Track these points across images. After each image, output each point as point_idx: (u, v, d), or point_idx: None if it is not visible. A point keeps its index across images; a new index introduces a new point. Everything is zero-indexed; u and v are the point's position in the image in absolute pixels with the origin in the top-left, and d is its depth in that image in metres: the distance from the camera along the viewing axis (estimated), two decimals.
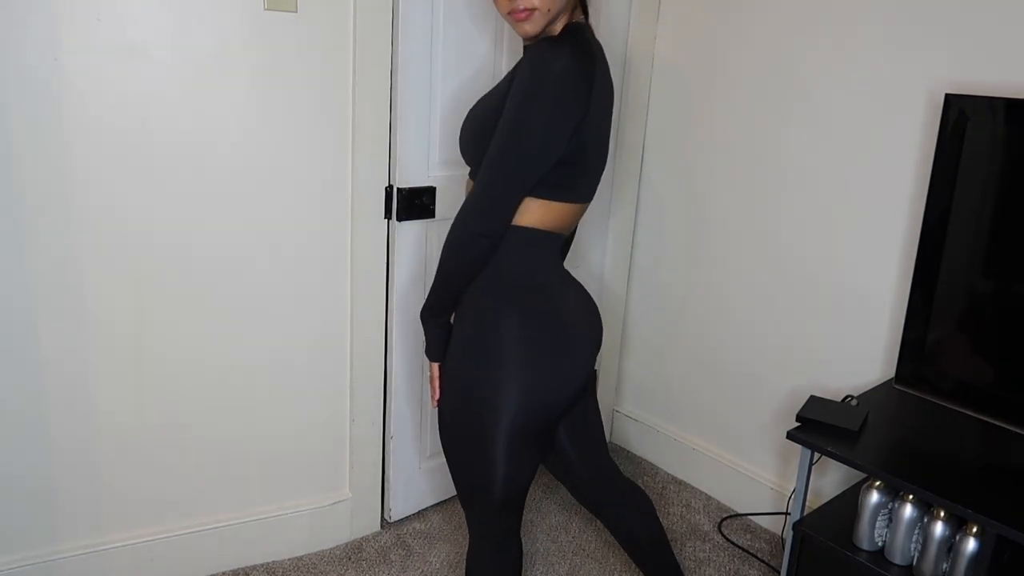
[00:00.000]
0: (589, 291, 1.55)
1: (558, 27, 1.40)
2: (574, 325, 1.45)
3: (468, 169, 1.54)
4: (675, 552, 2.25)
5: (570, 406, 1.50)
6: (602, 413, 3.06)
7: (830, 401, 1.82)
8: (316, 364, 2.08)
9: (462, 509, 1.57)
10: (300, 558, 2.16)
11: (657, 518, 1.70)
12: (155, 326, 1.84)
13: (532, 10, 1.33)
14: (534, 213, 1.40)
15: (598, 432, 1.65)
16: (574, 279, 1.53)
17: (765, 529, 2.39)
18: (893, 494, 1.63)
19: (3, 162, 1.59)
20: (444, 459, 2.35)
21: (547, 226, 1.41)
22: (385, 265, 2.10)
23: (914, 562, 1.61)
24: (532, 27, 1.36)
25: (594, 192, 1.47)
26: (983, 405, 1.61)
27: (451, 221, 1.90)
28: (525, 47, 1.43)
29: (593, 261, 2.62)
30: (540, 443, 1.48)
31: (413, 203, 2.06)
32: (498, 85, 1.44)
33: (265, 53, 1.80)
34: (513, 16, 1.36)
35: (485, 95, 1.47)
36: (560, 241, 1.47)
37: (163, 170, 1.76)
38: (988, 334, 1.61)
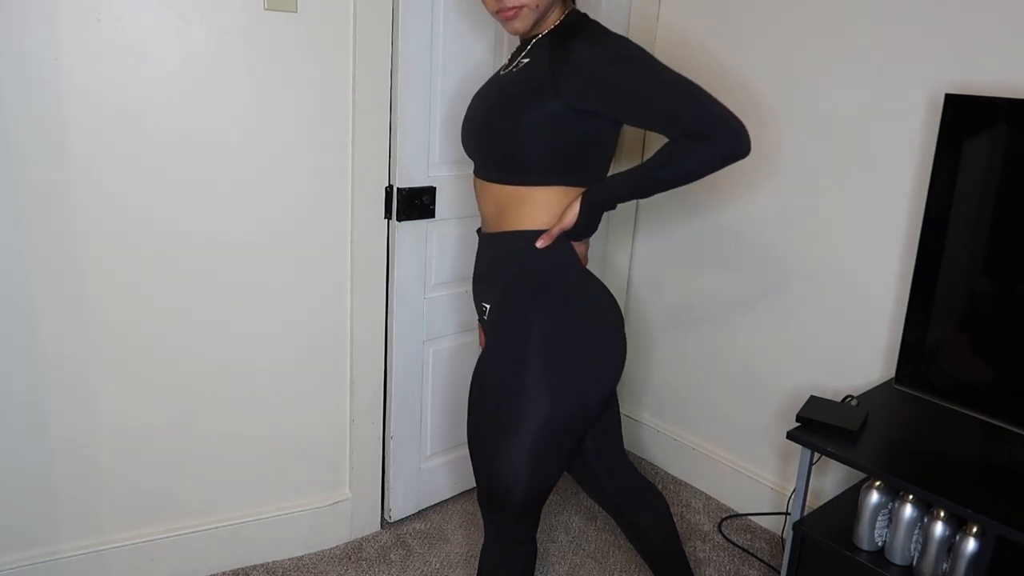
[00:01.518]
0: None
1: (552, 20, 1.40)
2: (606, 323, 1.43)
3: (470, 168, 1.55)
4: None
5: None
6: None
7: (830, 401, 1.82)
8: (316, 364, 2.08)
9: (479, 510, 1.54)
10: (300, 558, 2.16)
11: (671, 518, 1.70)
12: (155, 328, 1.84)
13: (520, 7, 1.34)
14: (558, 205, 1.39)
15: (616, 428, 1.63)
16: (592, 273, 1.52)
17: (765, 529, 2.39)
18: (893, 494, 1.62)
19: (3, 162, 1.59)
20: (443, 459, 2.37)
21: None
22: (385, 265, 2.10)
23: (914, 562, 1.61)
24: (521, 24, 1.36)
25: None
26: (983, 405, 1.61)
27: (451, 221, 1.91)
28: (537, 43, 1.41)
29: (593, 261, 2.62)
30: (569, 448, 1.45)
31: (413, 203, 2.06)
32: (496, 81, 1.45)
33: (265, 53, 1.80)
34: (501, 15, 1.36)
35: (483, 91, 1.47)
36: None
37: (163, 170, 1.76)
38: (988, 334, 1.61)
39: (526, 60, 1.39)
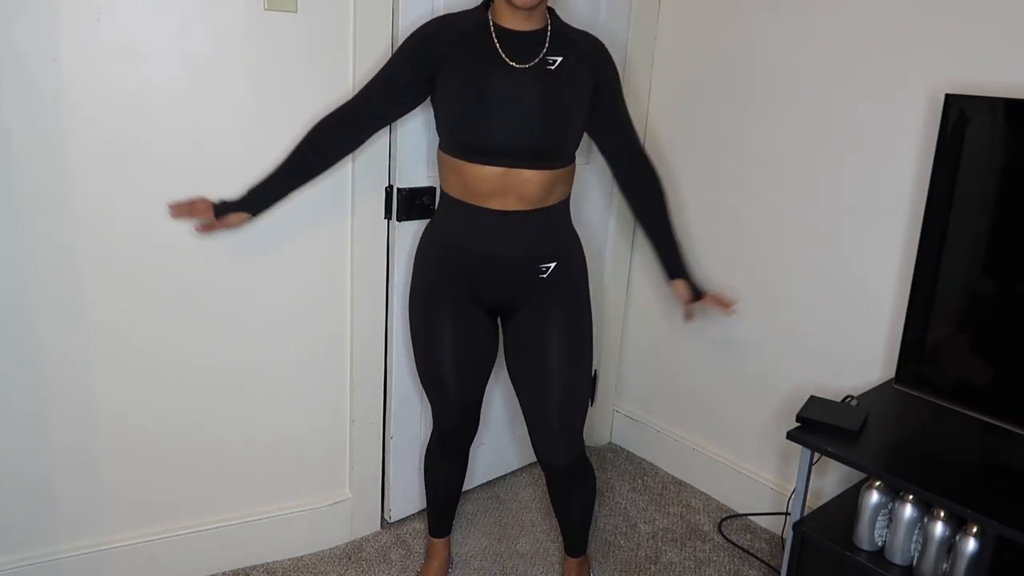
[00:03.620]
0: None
1: (544, 12, 1.60)
2: None
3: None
4: (675, 552, 2.25)
5: None
6: (602, 413, 3.05)
7: (830, 401, 1.82)
8: (316, 364, 2.08)
9: (580, 423, 1.80)
10: (300, 558, 2.16)
11: None
12: (154, 326, 1.84)
13: None
14: (572, 175, 1.74)
15: None
16: None
17: (765, 529, 2.39)
18: (893, 494, 1.63)
19: (3, 162, 1.59)
20: None
21: None
22: (385, 265, 2.10)
23: (914, 562, 1.61)
24: None
25: None
26: (983, 405, 1.61)
27: None
28: (557, 41, 1.61)
29: (594, 260, 2.61)
30: None
31: (413, 203, 2.06)
32: (532, 75, 1.57)
33: (265, 53, 1.80)
34: None
35: (517, 88, 1.57)
36: None
37: (163, 170, 1.76)
38: (988, 334, 1.61)
39: (559, 57, 1.59)
